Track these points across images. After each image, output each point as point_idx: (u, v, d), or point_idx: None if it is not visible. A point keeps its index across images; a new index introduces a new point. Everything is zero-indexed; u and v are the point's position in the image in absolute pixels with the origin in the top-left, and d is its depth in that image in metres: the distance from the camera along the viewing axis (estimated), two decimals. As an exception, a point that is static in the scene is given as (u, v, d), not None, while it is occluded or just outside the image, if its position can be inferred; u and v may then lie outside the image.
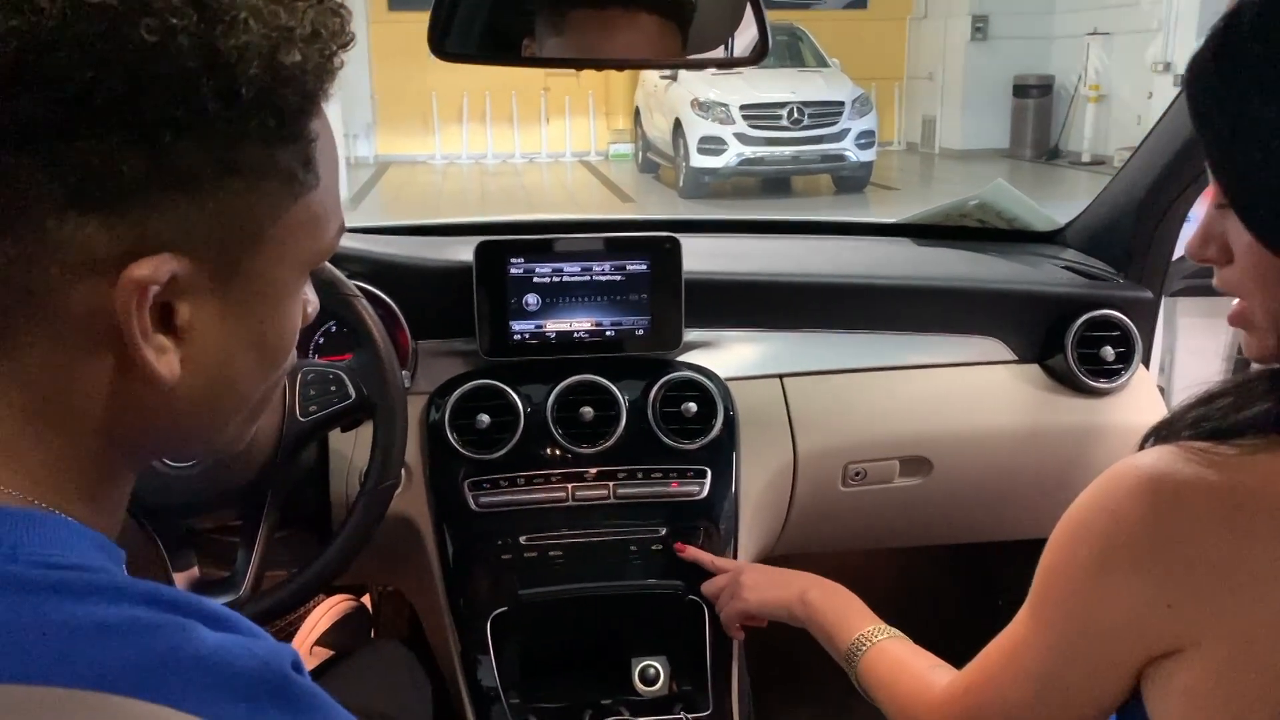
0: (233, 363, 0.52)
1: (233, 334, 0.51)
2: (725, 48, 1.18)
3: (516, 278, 1.33)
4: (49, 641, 0.42)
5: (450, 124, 13.98)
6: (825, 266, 1.53)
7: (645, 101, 12.13)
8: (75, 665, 0.42)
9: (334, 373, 1.13)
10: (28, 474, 0.48)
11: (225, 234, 0.48)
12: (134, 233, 0.45)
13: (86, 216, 0.44)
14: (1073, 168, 12.12)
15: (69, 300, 0.45)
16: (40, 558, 0.45)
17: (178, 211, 0.46)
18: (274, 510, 1.12)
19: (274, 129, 0.47)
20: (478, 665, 1.25)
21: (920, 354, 1.47)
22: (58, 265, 0.44)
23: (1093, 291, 1.50)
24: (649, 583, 1.30)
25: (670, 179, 11.28)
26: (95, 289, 0.45)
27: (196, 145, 0.45)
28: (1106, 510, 0.70)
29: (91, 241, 0.44)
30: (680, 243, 1.35)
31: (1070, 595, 0.73)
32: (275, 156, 0.48)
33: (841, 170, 10.72)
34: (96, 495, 0.51)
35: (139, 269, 0.45)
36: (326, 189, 0.53)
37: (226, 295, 0.49)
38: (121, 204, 0.44)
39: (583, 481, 1.31)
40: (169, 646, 0.44)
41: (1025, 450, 1.46)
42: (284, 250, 0.51)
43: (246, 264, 0.50)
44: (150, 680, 0.42)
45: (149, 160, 0.44)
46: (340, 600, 1.73)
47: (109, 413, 0.49)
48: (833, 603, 1.09)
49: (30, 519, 0.46)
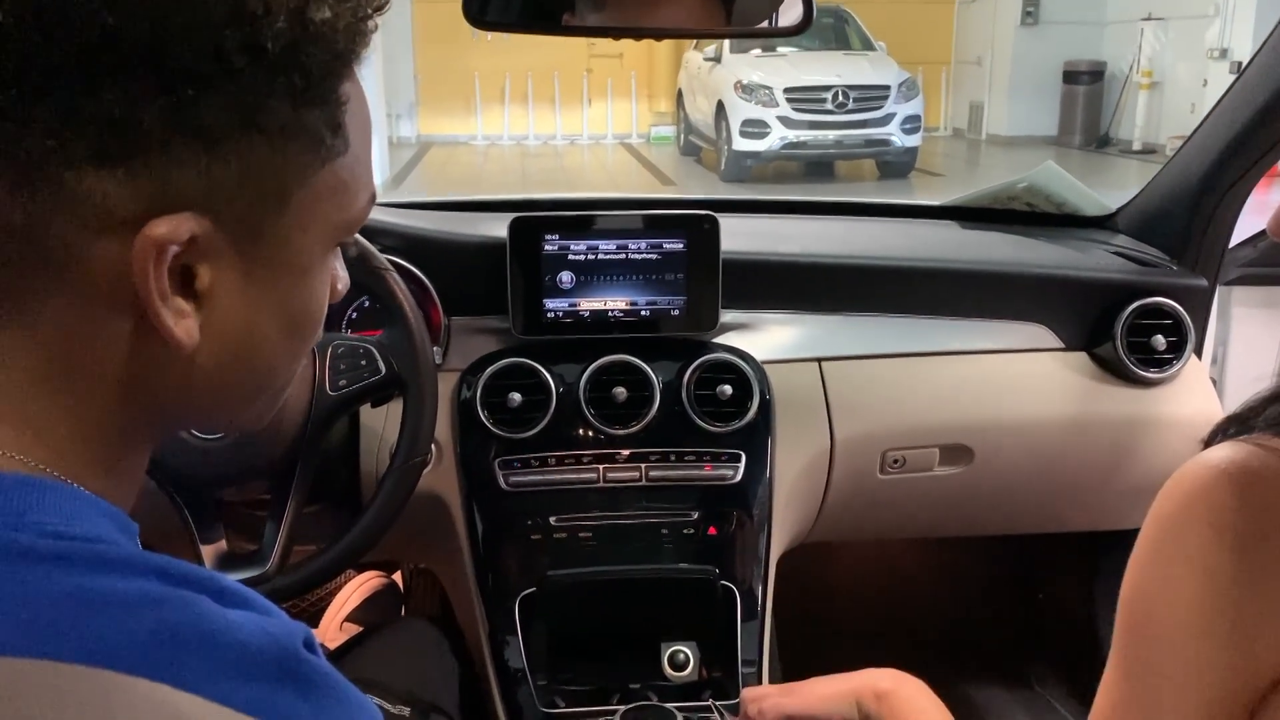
0: (256, 333, 0.50)
1: (256, 303, 0.49)
2: (769, 20, 1.14)
3: (551, 255, 1.31)
4: (52, 613, 0.41)
5: (492, 105, 13.99)
6: (867, 248, 1.50)
7: (688, 84, 12.06)
8: (78, 638, 0.40)
9: (365, 347, 1.12)
10: (40, 439, 0.47)
11: (248, 195, 0.46)
12: (154, 189, 0.43)
13: (106, 171, 0.43)
14: (1123, 156, 11.89)
15: (88, 259, 0.44)
16: (47, 527, 0.43)
17: (199, 169, 0.44)
18: (303, 484, 1.11)
19: (301, 88, 0.46)
20: (505, 645, 1.24)
21: (963, 339, 1.43)
22: (77, 222, 0.43)
23: (1144, 278, 1.45)
24: (680, 567, 1.28)
25: (711, 162, 11.21)
26: (114, 248, 0.44)
27: (220, 100, 0.43)
28: (1201, 520, 0.60)
29: (111, 198, 0.43)
30: (719, 222, 1.32)
31: (1172, 630, 0.61)
32: (302, 117, 0.46)
33: (886, 155, 10.59)
34: (111, 465, 0.50)
35: (158, 226, 0.44)
36: (356, 157, 0.51)
37: (250, 262, 0.48)
38: (142, 159, 0.43)
39: (614, 463, 1.29)
40: (177, 621, 0.42)
41: (1070, 441, 1.42)
42: (310, 218, 0.49)
43: (270, 229, 0.48)
44: (156, 656, 0.41)
45: (170, 114, 0.43)
46: (371, 577, 1.73)
47: (127, 378, 0.47)
48: (918, 704, 0.89)
49: (40, 486, 0.45)
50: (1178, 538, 0.62)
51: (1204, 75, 10.76)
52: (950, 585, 1.96)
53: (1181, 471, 0.63)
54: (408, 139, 13.74)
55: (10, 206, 0.43)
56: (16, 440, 0.46)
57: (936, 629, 1.91)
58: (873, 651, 1.84)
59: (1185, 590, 0.61)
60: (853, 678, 0.93)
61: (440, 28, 12.76)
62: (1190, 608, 0.60)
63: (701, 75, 11.36)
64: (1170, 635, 0.62)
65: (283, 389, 0.57)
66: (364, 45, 0.48)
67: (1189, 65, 11.21)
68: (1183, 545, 0.61)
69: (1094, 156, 12.21)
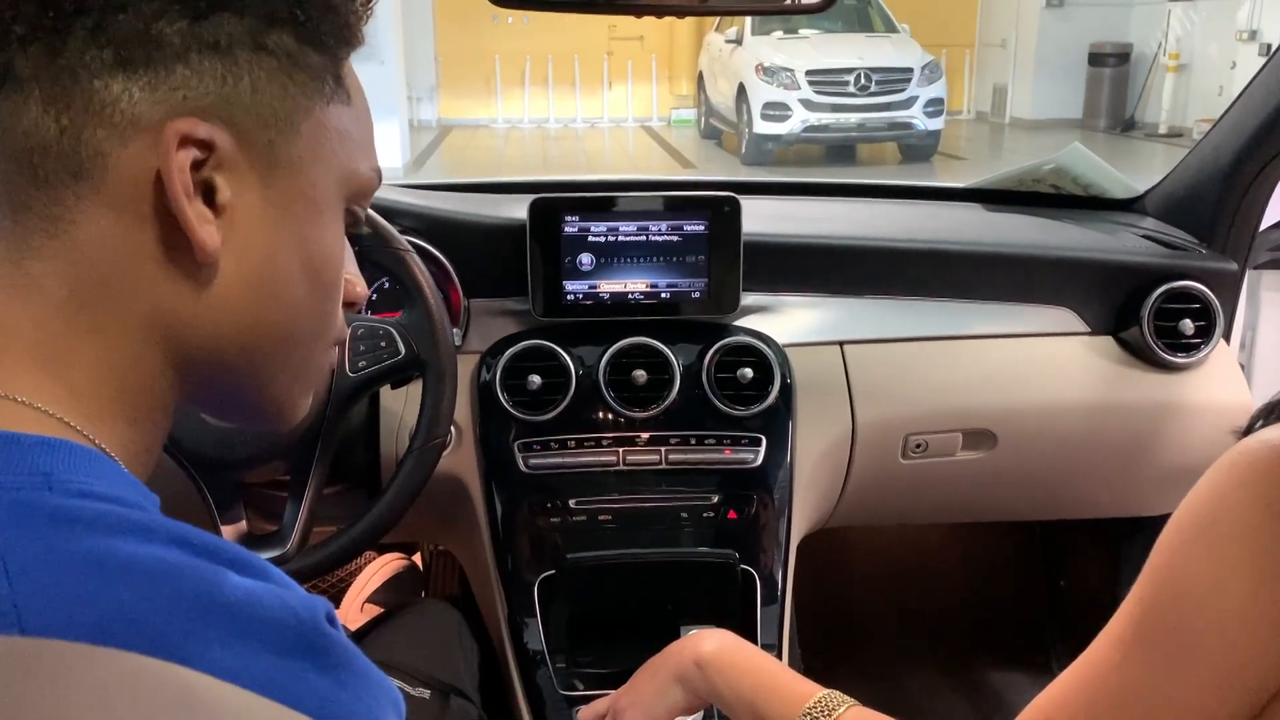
0: (276, 264, 0.52)
1: (275, 229, 0.51)
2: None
3: (571, 236, 1.30)
4: (73, 579, 0.41)
5: (512, 88, 13.97)
6: (890, 230, 1.48)
7: (709, 66, 11.99)
8: (97, 607, 0.40)
9: (384, 329, 1.11)
10: (67, 385, 0.47)
11: (261, 110, 0.50)
12: (176, 95, 0.47)
13: (131, 78, 0.47)
14: (1149, 139, 11.75)
15: (118, 167, 0.47)
16: (74, 485, 0.43)
17: (216, 78, 0.48)
18: (323, 465, 1.11)
19: (302, 23, 0.50)
20: (524, 628, 1.24)
21: (987, 323, 1.41)
22: (105, 127, 0.46)
23: (1173, 262, 1.43)
24: (700, 550, 1.27)
25: (732, 145, 11.16)
26: (141, 153, 0.47)
27: (232, 21, 0.48)
28: (1259, 501, 0.58)
29: (138, 103, 0.47)
30: (740, 204, 1.31)
31: (1220, 614, 0.59)
32: (305, 53, 0.51)
33: (908, 138, 10.52)
34: (131, 422, 0.50)
35: (182, 122, 0.47)
36: (358, 116, 0.56)
37: (266, 185, 0.51)
38: (164, 68, 0.47)
39: (634, 446, 1.28)
40: (198, 591, 0.42)
41: (1096, 426, 1.41)
42: (320, 148, 0.53)
43: (284, 152, 0.51)
44: (174, 627, 0.41)
45: (188, 27, 0.47)
46: (392, 559, 1.73)
47: (154, 311, 0.49)
48: (742, 658, 0.87)
49: (63, 448, 0.45)
50: (1231, 519, 0.59)
51: (1233, 57, 10.60)
52: (971, 570, 1.95)
53: (1238, 451, 0.60)
54: (428, 122, 13.74)
55: (45, 121, 0.46)
56: (38, 387, 0.47)
57: (957, 614, 1.90)
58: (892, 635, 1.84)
59: (1238, 574, 0.58)
60: (668, 658, 0.91)
61: (461, 10, 12.75)
62: (1242, 593, 0.58)
63: (723, 58, 11.30)
64: (1216, 618, 0.59)
65: (311, 370, 0.57)
66: (358, 22, 0.54)
67: (1217, 47, 11.04)
68: (1237, 526, 0.58)
69: (1119, 140, 12.07)
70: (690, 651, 0.89)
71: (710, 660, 0.87)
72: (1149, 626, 0.63)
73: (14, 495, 0.42)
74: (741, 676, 0.84)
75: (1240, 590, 0.58)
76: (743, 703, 0.83)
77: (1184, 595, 0.61)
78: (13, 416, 0.46)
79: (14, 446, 0.44)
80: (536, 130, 13.80)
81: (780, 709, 0.80)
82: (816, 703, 0.79)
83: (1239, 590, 0.58)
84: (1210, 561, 0.60)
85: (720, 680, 0.86)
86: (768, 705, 0.81)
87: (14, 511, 0.42)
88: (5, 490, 0.42)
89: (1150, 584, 0.63)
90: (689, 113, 13.59)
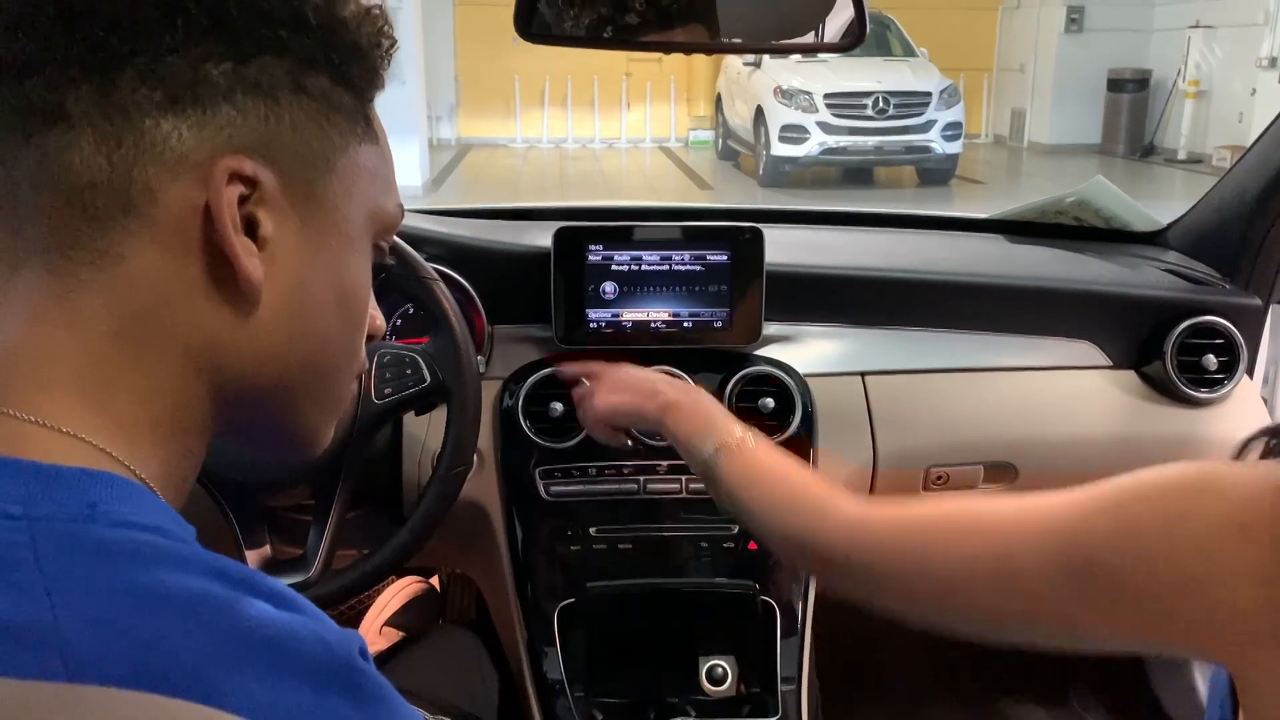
0: (310, 294, 0.54)
1: (310, 261, 0.53)
2: (816, 33, 1.14)
3: (594, 265, 1.31)
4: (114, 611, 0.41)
5: (531, 108, 14.05)
6: (912, 261, 1.49)
7: (727, 88, 12.04)
8: (137, 641, 0.41)
9: (410, 355, 1.12)
10: (111, 416, 0.48)
11: (300, 149, 0.52)
12: (222, 134, 0.49)
13: (180, 117, 0.48)
14: (1168, 165, 11.72)
15: (166, 200, 0.48)
16: (120, 516, 0.44)
17: (259, 117, 0.50)
18: (347, 491, 1.12)
19: (337, 64, 0.53)
20: (544, 656, 1.24)
21: (1010, 356, 1.41)
22: (155, 164, 0.48)
23: (1196, 296, 1.43)
24: (719, 581, 1.27)
25: (750, 167, 11.19)
26: (189, 189, 0.49)
27: (274, 62, 0.50)
28: (1265, 535, 0.57)
29: (186, 141, 0.48)
30: (763, 234, 1.31)
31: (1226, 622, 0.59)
32: (339, 94, 0.53)
33: (926, 162, 10.53)
34: (173, 450, 0.51)
35: (231, 159, 0.49)
36: (383, 156, 0.58)
37: (303, 220, 0.53)
38: (210, 106, 0.49)
39: (655, 474, 1.28)
40: (235, 624, 0.43)
41: (1118, 460, 1.38)
42: (352, 186, 0.55)
43: (320, 189, 0.53)
44: (211, 662, 0.41)
45: (233, 69, 0.49)
46: (411, 582, 1.74)
47: (196, 341, 0.51)
48: (703, 408, 1.00)
49: (110, 480, 0.46)
50: (1236, 553, 0.58)
51: (1253, 84, 10.59)
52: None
53: (1230, 482, 0.59)
54: (447, 141, 13.83)
55: (96, 158, 0.47)
56: (82, 418, 0.48)
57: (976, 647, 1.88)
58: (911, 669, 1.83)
59: (1243, 602, 0.58)
60: (644, 383, 1.06)
61: (481, 30, 12.84)
62: (1249, 614, 0.58)
63: (741, 80, 11.35)
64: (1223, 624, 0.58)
65: (338, 398, 0.59)
66: (383, 58, 0.56)
67: (1237, 74, 11.03)
68: (1241, 562, 0.57)
69: (1138, 165, 12.04)
70: (661, 399, 1.02)
71: (673, 407, 1.00)
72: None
73: (59, 526, 0.43)
74: (692, 420, 0.98)
75: (1249, 613, 0.57)
76: (681, 439, 0.99)
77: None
78: (57, 448, 0.46)
79: (59, 478, 0.45)
80: (554, 150, 13.87)
81: (702, 444, 0.95)
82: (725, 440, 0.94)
83: (1249, 614, 0.57)
84: (1219, 588, 0.58)
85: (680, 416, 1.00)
86: (702, 444, 0.95)
87: (59, 543, 0.43)
88: (51, 521, 0.43)
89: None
90: (706, 134, 13.64)
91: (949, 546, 0.73)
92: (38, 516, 0.43)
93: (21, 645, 0.40)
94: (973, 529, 0.72)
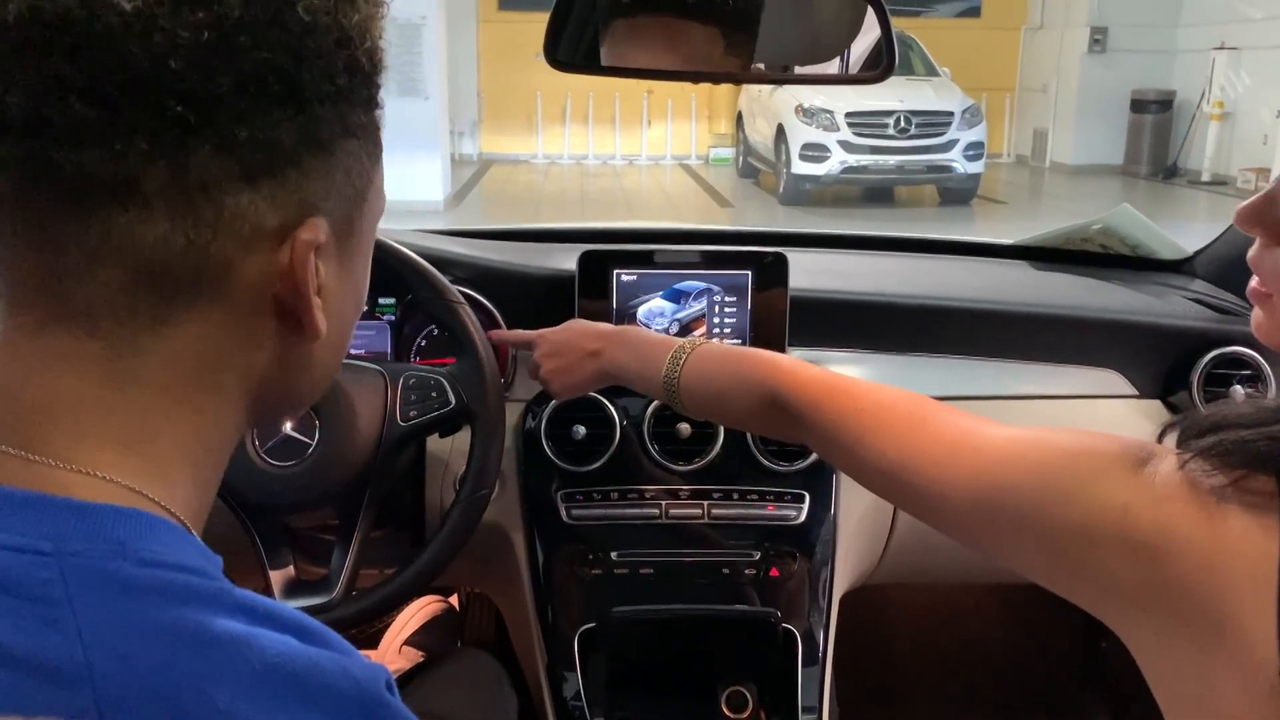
0: (344, 314, 0.57)
1: (345, 288, 0.55)
2: (842, 62, 1.14)
3: (619, 288, 1.31)
4: (147, 649, 0.42)
5: (553, 124, 14.11)
6: (935, 287, 1.48)
7: (748, 106, 12.06)
8: (172, 675, 0.41)
9: (435, 378, 1.13)
10: (148, 457, 0.49)
11: (348, 193, 0.52)
12: (293, 200, 0.49)
13: (255, 189, 0.47)
14: (1191, 187, 11.65)
15: (242, 272, 0.49)
16: (147, 555, 0.45)
17: (322, 175, 0.50)
18: (370, 511, 1.12)
19: (368, 96, 0.53)
20: (564, 680, 1.24)
21: (1033, 384, 1.41)
22: (233, 240, 0.47)
23: (1223, 326, 1.42)
24: (740, 608, 1.27)
25: (770, 185, 11.19)
26: (263, 259, 0.49)
27: (332, 114, 0.49)
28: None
29: (261, 213, 0.48)
30: (786, 258, 1.31)
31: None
32: (372, 121, 0.54)
33: (948, 182, 10.50)
34: (203, 480, 0.52)
35: (306, 232, 0.49)
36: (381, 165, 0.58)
37: (343, 253, 0.54)
38: (282, 174, 0.48)
39: (677, 499, 1.28)
40: (263, 660, 0.43)
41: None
42: (372, 209, 0.56)
43: (357, 224, 0.54)
44: (241, 700, 0.42)
45: (300, 130, 0.48)
46: (430, 602, 1.74)
47: (261, 377, 0.52)
48: (633, 335, 1.07)
49: (139, 517, 0.46)
50: (1117, 528, 0.61)
51: (1278, 107, 10.52)
52: (1012, 631, 1.93)
53: (1133, 463, 0.62)
54: (469, 156, 13.89)
55: (173, 236, 0.46)
56: (118, 463, 0.48)
57: (995, 674, 1.87)
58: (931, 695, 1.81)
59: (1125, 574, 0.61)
60: (577, 348, 1.09)
61: (504, 47, 12.93)
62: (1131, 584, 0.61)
63: (762, 98, 11.36)
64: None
65: (338, 366, 0.62)
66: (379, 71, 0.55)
67: (1262, 96, 10.96)
68: (1121, 540, 0.61)
69: (1161, 187, 11.97)
70: (592, 339, 1.07)
71: (608, 360, 1.06)
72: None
73: (89, 563, 0.43)
74: (636, 351, 1.03)
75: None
76: (633, 374, 1.04)
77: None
78: (89, 489, 0.46)
79: (89, 515, 0.45)
80: (575, 166, 13.91)
81: (657, 366, 1.00)
82: (676, 351, 0.99)
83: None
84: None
85: (617, 354, 1.05)
86: (656, 366, 1.00)
87: (89, 580, 0.43)
88: (81, 558, 0.43)
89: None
90: (727, 151, 13.65)
91: (895, 427, 0.82)
92: (68, 553, 0.43)
93: (55, 685, 0.41)
94: (918, 420, 0.81)
